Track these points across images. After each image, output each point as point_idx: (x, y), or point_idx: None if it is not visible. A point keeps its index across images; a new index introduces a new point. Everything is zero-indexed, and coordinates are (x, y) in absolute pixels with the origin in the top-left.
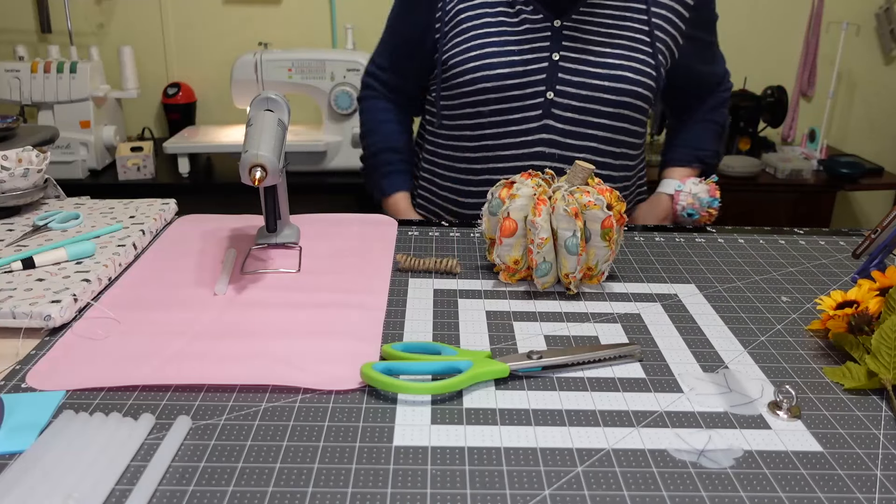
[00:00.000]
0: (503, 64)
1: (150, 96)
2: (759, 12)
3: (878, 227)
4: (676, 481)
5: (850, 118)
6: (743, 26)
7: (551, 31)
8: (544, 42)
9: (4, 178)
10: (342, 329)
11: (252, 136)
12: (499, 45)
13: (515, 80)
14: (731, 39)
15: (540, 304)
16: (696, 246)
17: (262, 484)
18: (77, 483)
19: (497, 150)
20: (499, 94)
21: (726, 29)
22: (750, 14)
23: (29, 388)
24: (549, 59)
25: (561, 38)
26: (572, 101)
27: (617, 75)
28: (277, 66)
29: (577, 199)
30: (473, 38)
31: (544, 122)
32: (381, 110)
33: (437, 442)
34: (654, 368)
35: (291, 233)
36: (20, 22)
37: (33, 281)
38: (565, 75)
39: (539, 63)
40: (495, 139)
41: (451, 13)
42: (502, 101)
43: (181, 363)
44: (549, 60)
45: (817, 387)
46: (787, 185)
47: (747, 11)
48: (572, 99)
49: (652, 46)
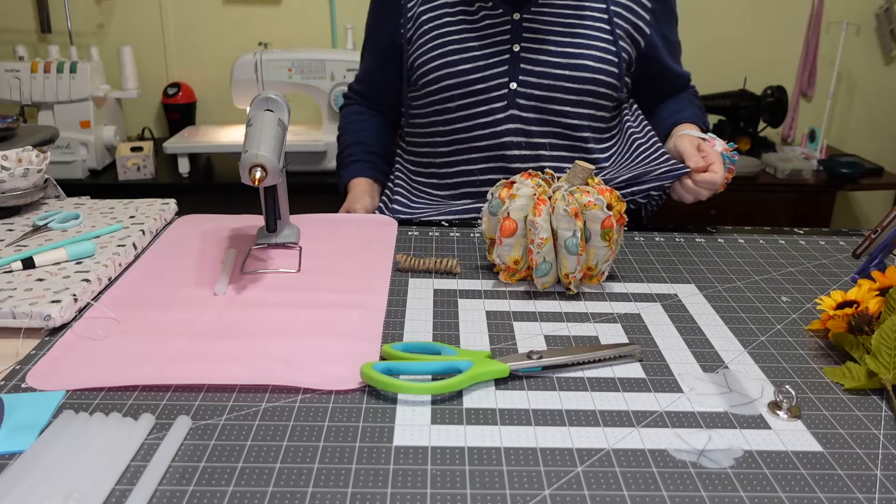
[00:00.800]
0: (465, 60)
1: (150, 96)
2: (759, 12)
3: (878, 227)
4: (676, 481)
5: (850, 118)
6: (743, 26)
7: (511, 24)
8: (504, 35)
9: (4, 178)
10: (342, 329)
11: (252, 136)
12: (460, 42)
13: (478, 74)
14: (731, 39)
15: (540, 304)
16: (696, 246)
17: (262, 484)
18: (77, 483)
19: (468, 143)
20: (464, 89)
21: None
22: (750, 14)
23: (29, 388)
24: (511, 51)
25: (521, 31)
26: (535, 90)
27: (577, 63)
28: (277, 66)
29: (577, 199)
30: (435, 38)
31: (510, 113)
32: (354, 113)
33: (437, 442)
34: (654, 368)
35: (291, 233)
36: (20, 22)
37: (33, 281)
38: (527, 66)
39: (501, 56)
40: (465, 132)
41: (414, 17)
42: (467, 95)
43: (181, 363)
44: (511, 52)
45: (817, 387)
46: (787, 185)
47: (747, 11)
48: (535, 88)
49: (612, 34)
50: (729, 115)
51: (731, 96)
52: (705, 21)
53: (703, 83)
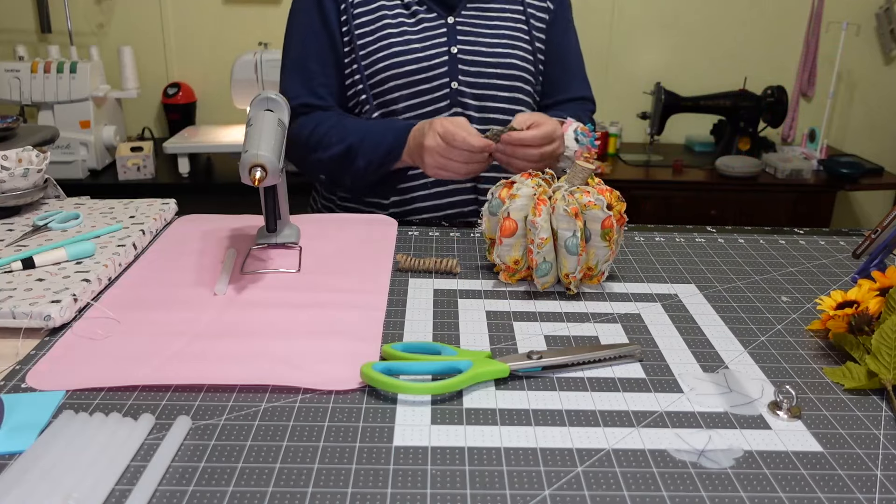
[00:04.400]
0: (409, 61)
1: (150, 96)
2: (759, 12)
3: (878, 227)
4: (676, 481)
5: (850, 118)
6: (743, 26)
7: (446, 27)
8: (442, 38)
9: (4, 178)
10: (342, 329)
11: (252, 136)
12: (402, 44)
13: (422, 75)
14: (731, 39)
15: (540, 304)
16: (696, 246)
17: (262, 484)
18: (77, 483)
19: None
20: (409, 90)
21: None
22: (750, 14)
23: (29, 388)
24: (449, 52)
25: (456, 33)
26: (474, 89)
27: (507, 62)
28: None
29: (577, 199)
30: (378, 40)
31: (454, 110)
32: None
33: (437, 442)
34: (654, 368)
35: (291, 233)
36: (20, 22)
37: (33, 281)
38: (465, 66)
39: (441, 57)
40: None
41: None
42: (414, 95)
43: (181, 363)
44: (449, 54)
45: (817, 387)
46: (787, 185)
47: (747, 11)
48: (474, 87)
49: (529, 34)
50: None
51: (731, 96)
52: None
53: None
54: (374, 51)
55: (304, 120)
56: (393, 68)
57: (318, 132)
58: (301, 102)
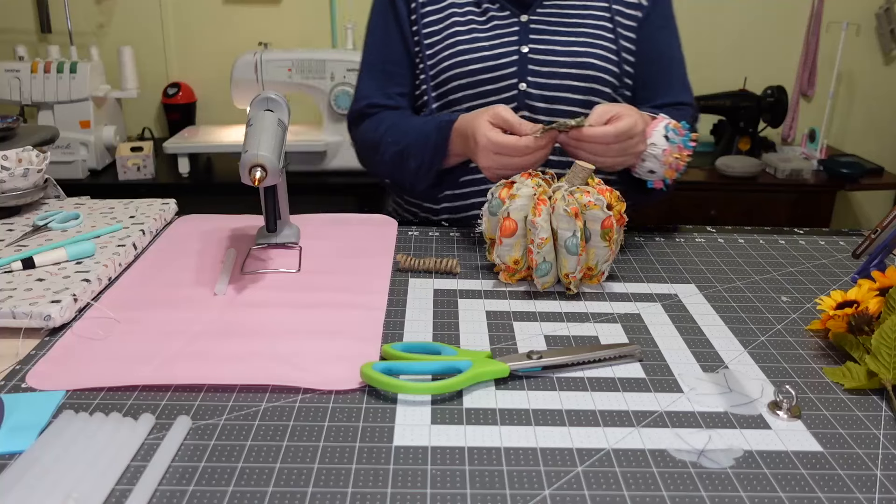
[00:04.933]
0: (475, 60)
1: (150, 96)
2: (759, 12)
3: (878, 227)
4: (676, 481)
5: (850, 118)
6: (743, 26)
7: (519, 25)
8: (513, 37)
9: (4, 178)
10: (342, 329)
11: (252, 136)
12: (469, 43)
13: (488, 75)
14: (731, 39)
15: (540, 304)
16: (696, 246)
17: (262, 484)
18: (77, 483)
19: None
20: (474, 90)
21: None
22: (750, 14)
23: (29, 388)
24: (519, 52)
25: (529, 32)
26: (543, 91)
27: (582, 62)
28: (277, 66)
29: (577, 199)
30: (445, 39)
31: (520, 114)
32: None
33: (437, 442)
34: (654, 368)
35: (291, 233)
36: (20, 22)
37: (33, 281)
38: (535, 66)
39: (509, 57)
40: None
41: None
42: (478, 96)
43: (181, 363)
44: (519, 53)
45: (817, 387)
46: (787, 185)
47: (747, 11)
48: (543, 89)
49: (614, 32)
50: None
51: (731, 96)
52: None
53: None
54: (439, 50)
55: (367, 122)
56: (456, 67)
57: (377, 133)
58: (368, 103)
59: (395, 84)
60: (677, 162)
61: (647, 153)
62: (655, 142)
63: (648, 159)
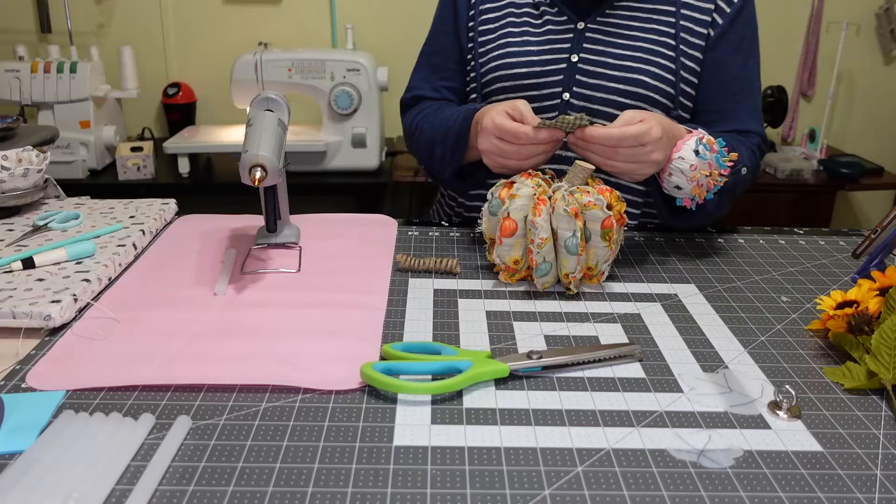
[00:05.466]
0: (521, 64)
1: (150, 96)
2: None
3: (878, 227)
4: (676, 481)
5: (850, 118)
6: None
7: (573, 32)
8: (565, 44)
9: (4, 178)
10: (342, 329)
11: (252, 136)
12: (519, 45)
13: (532, 80)
14: None
15: (540, 304)
16: (696, 246)
17: (262, 484)
18: (77, 483)
19: None
20: (516, 94)
21: None
22: None
23: (29, 388)
24: (568, 60)
25: (582, 41)
26: (587, 102)
27: (633, 78)
28: (277, 66)
29: (577, 199)
30: (497, 39)
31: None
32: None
33: (437, 442)
34: (654, 368)
35: (291, 233)
36: (20, 22)
37: (33, 281)
38: (582, 77)
39: (557, 64)
40: None
41: (480, 18)
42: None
43: (181, 363)
44: (568, 62)
45: (817, 387)
46: (787, 185)
47: None
48: (587, 101)
49: (675, 49)
50: None
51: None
52: None
53: None
54: (489, 50)
55: (410, 112)
56: (503, 69)
57: (415, 121)
58: (414, 94)
59: (444, 78)
60: (708, 181)
61: (674, 167)
62: (683, 155)
63: (675, 173)
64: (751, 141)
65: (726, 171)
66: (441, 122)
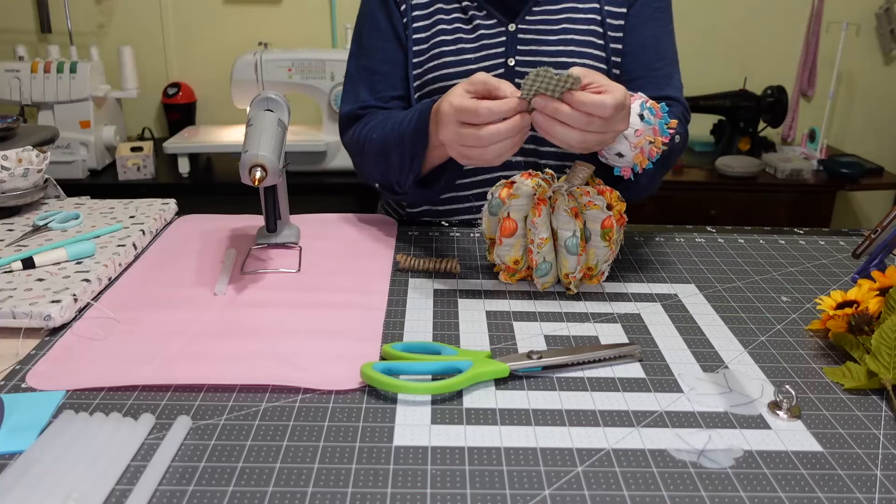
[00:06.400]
0: (459, 74)
1: (150, 96)
2: (759, 12)
3: (878, 227)
4: (676, 481)
5: (850, 118)
6: (743, 26)
7: (506, 35)
8: (500, 48)
9: (4, 178)
10: (342, 329)
11: (252, 136)
12: (455, 54)
13: None
14: (731, 39)
15: (540, 304)
16: (696, 246)
17: (262, 484)
18: (77, 483)
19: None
20: None
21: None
22: (750, 14)
23: (29, 388)
24: (505, 64)
25: (516, 43)
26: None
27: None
28: (277, 66)
29: (577, 199)
30: (431, 48)
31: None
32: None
33: (437, 442)
34: (654, 368)
35: (291, 233)
36: (20, 22)
37: (33, 281)
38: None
39: (496, 70)
40: None
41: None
42: None
43: (181, 363)
44: (506, 66)
45: (817, 387)
46: (787, 185)
47: (747, 11)
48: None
49: (603, 37)
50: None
51: (731, 96)
52: (705, 21)
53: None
54: (424, 60)
55: (355, 126)
56: (441, 80)
57: (362, 132)
58: (360, 106)
59: (391, 86)
60: (651, 148)
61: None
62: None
63: (619, 139)
64: (675, 109)
65: (667, 138)
66: (393, 127)
